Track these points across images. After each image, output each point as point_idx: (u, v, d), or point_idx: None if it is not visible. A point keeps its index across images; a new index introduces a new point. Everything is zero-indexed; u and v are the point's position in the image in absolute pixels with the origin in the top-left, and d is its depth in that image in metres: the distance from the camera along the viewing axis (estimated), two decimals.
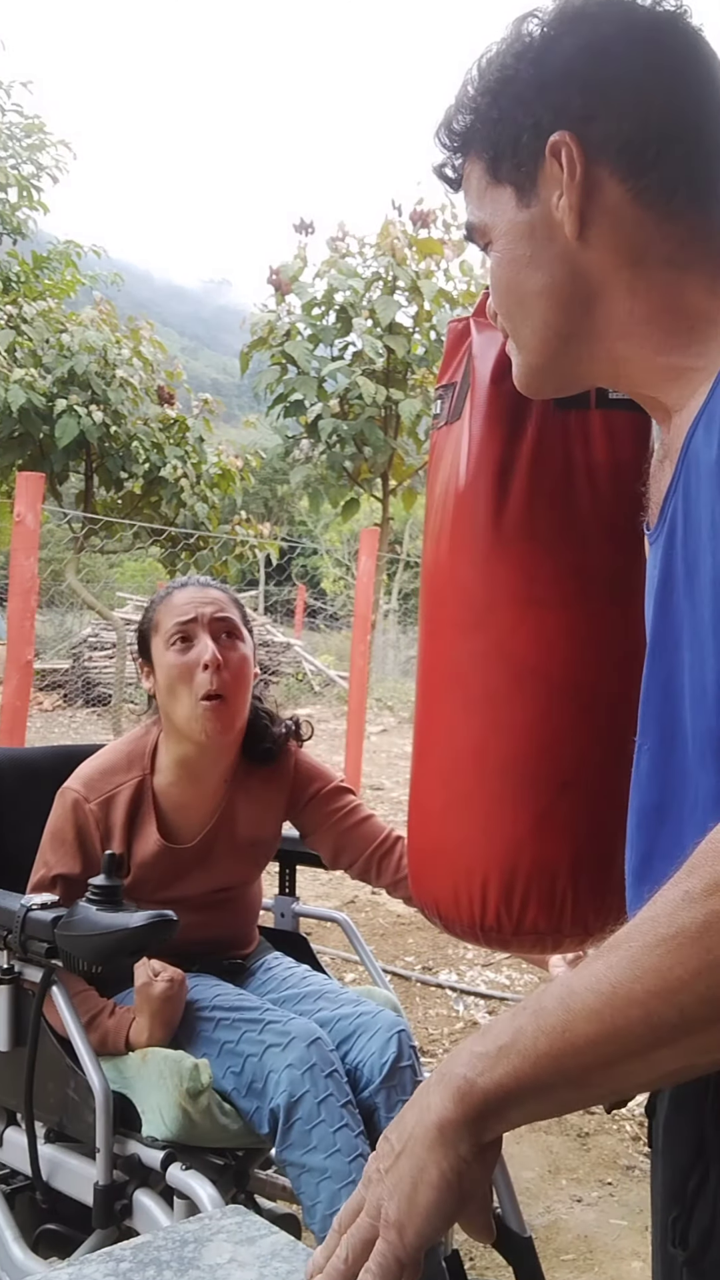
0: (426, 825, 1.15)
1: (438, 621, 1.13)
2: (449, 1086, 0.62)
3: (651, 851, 0.75)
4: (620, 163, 0.78)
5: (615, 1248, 2.29)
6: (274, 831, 1.88)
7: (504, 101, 0.82)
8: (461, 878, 1.09)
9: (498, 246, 0.84)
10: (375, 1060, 1.62)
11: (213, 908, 1.81)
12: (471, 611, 1.09)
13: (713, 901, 0.55)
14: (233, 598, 1.82)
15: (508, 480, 1.07)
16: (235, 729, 1.76)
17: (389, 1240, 0.63)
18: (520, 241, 0.82)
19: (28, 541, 4.13)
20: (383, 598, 11.61)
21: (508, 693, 1.08)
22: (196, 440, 8.34)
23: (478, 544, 1.08)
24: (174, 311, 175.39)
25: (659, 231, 0.78)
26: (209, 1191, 1.46)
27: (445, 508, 1.12)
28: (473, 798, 1.09)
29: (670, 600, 0.73)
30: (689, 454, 0.71)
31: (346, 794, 1.91)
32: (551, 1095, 0.61)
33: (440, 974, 3.89)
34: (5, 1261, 1.63)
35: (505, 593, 1.07)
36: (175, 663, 1.70)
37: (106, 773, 1.74)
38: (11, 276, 9.32)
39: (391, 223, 8.72)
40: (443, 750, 1.13)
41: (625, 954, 0.57)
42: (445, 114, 0.87)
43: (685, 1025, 0.55)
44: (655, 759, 0.75)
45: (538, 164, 0.80)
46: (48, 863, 1.69)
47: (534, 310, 0.83)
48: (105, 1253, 0.81)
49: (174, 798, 1.77)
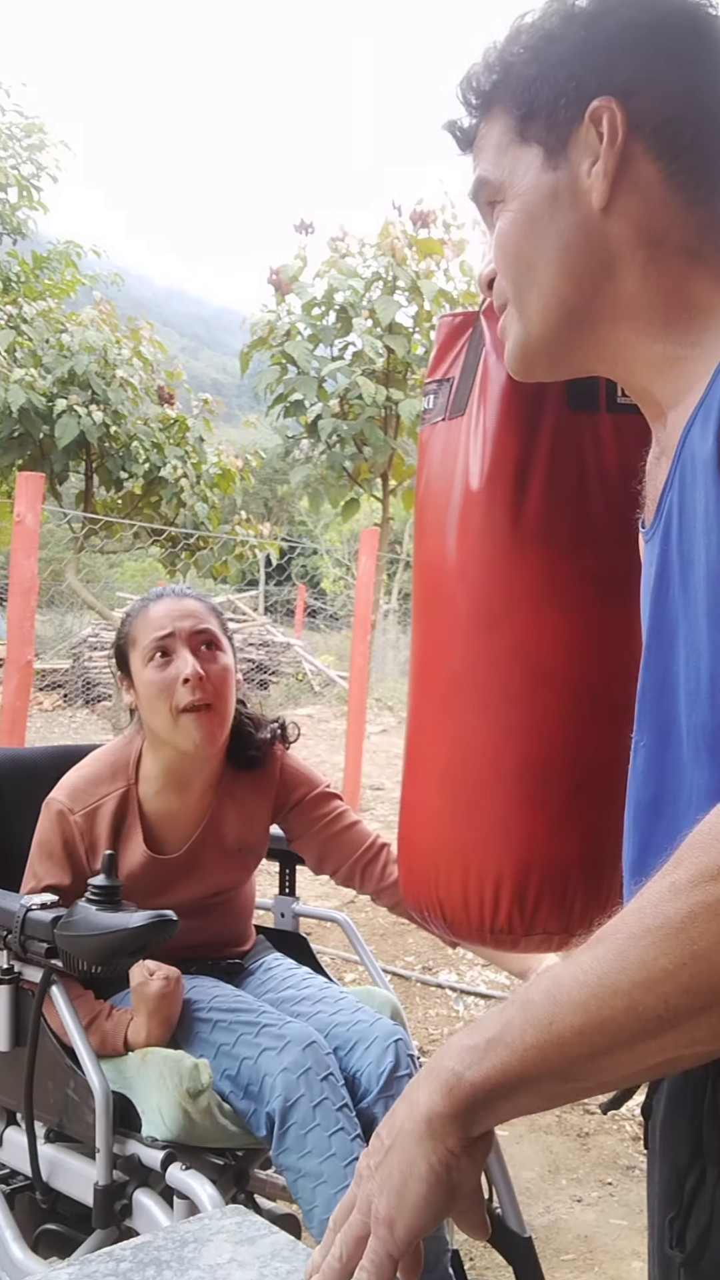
0: (430, 827, 1.14)
1: (446, 622, 1.12)
2: (437, 1080, 0.62)
3: (648, 847, 0.75)
4: (656, 141, 0.78)
5: (615, 1248, 2.29)
6: (261, 836, 1.87)
7: (546, 60, 0.80)
8: (473, 879, 1.08)
9: (512, 206, 0.82)
10: (373, 1070, 1.62)
11: (204, 912, 1.81)
12: (487, 612, 1.08)
13: (698, 893, 0.55)
14: (211, 607, 1.79)
15: (526, 480, 1.06)
16: (221, 739, 1.74)
17: (380, 1236, 0.63)
18: (541, 203, 0.80)
19: (28, 541, 4.13)
20: (383, 598, 11.60)
21: (524, 694, 1.07)
22: (196, 440, 8.35)
23: (496, 544, 1.07)
24: (174, 311, 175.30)
25: (681, 216, 0.78)
26: (209, 1191, 1.46)
27: (452, 505, 1.10)
28: (486, 799, 1.09)
29: (666, 596, 0.73)
30: (685, 449, 0.71)
31: (332, 799, 1.90)
32: (539, 1088, 0.61)
33: (440, 974, 3.89)
34: (5, 1261, 1.63)
35: (523, 594, 1.07)
36: (154, 679, 1.68)
37: (91, 783, 1.72)
38: (11, 276, 9.33)
39: (391, 223, 8.72)
40: (450, 751, 1.12)
41: (611, 945, 0.57)
42: (470, 69, 0.85)
43: (670, 1017, 0.55)
44: (651, 755, 0.75)
45: (572, 127, 0.79)
46: (37, 874, 1.69)
47: (543, 276, 0.81)
48: (105, 1253, 0.81)
49: (159, 807, 1.75)
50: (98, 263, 10.17)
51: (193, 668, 1.67)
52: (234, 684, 1.75)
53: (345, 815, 1.89)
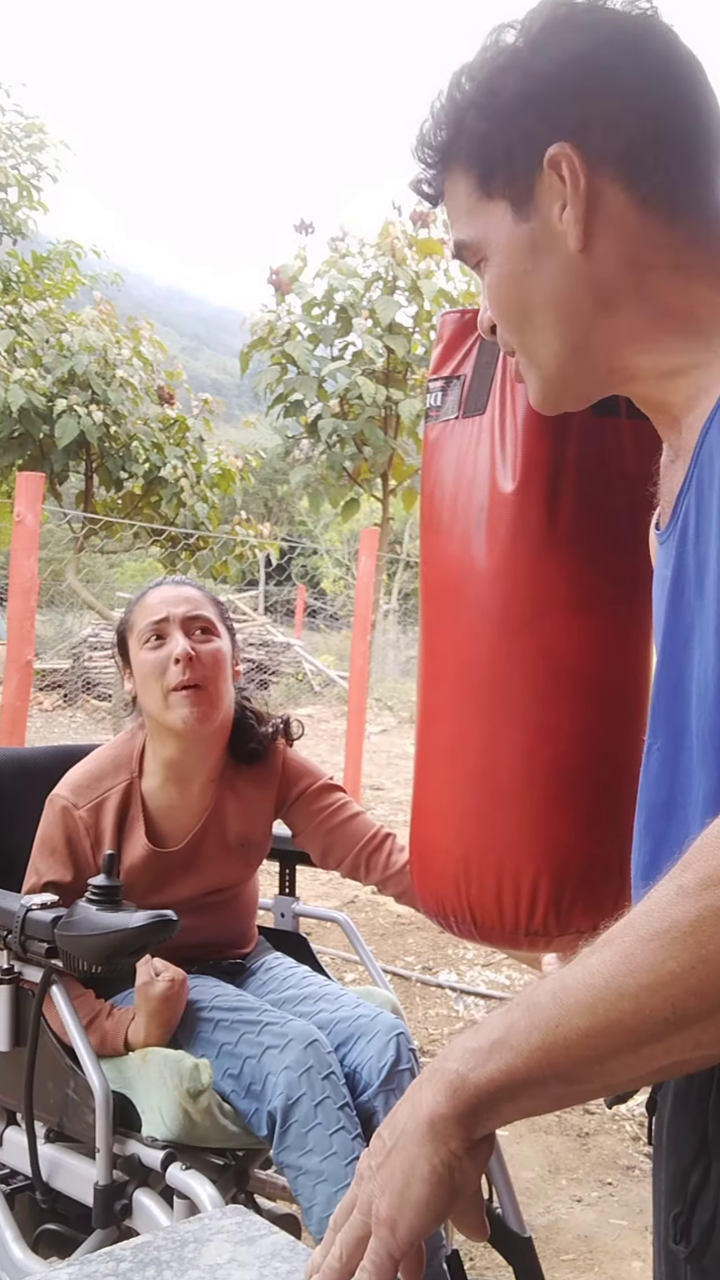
0: (457, 830, 1.13)
1: (472, 625, 1.12)
2: (441, 1081, 0.62)
3: (659, 850, 0.75)
4: (621, 170, 0.77)
5: (615, 1248, 2.29)
6: (264, 832, 1.88)
7: (492, 115, 0.80)
8: (508, 881, 1.08)
9: (495, 262, 0.82)
10: (374, 1063, 1.62)
11: (206, 910, 1.81)
12: (518, 615, 1.08)
13: (706, 896, 0.55)
14: (209, 596, 1.82)
15: (560, 484, 1.07)
16: (215, 719, 1.74)
17: (381, 1237, 0.63)
18: (521, 256, 0.80)
19: (28, 541, 4.13)
20: (383, 598, 11.61)
21: (554, 695, 1.08)
22: (196, 440, 8.35)
23: (529, 547, 1.08)
24: (174, 311, 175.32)
25: (663, 237, 0.77)
26: (209, 1191, 1.46)
27: (476, 507, 1.10)
28: (518, 801, 1.09)
29: (682, 598, 0.73)
30: (703, 452, 0.71)
31: (335, 791, 1.91)
32: (543, 1090, 0.61)
33: (440, 974, 3.89)
34: (5, 1261, 1.63)
35: (554, 597, 1.08)
36: (148, 659, 1.71)
37: (95, 778, 1.74)
38: (11, 276, 9.33)
39: (391, 223, 8.73)
40: (480, 754, 1.11)
41: (618, 948, 0.57)
42: (421, 130, 0.84)
43: (677, 1019, 0.55)
44: (664, 758, 0.75)
45: (534, 176, 0.78)
46: (38, 870, 1.69)
47: (543, 324, 0.81)
48: (105, 1253, 0.81)
49: (162, 800, 1.76)
50: (97, 263, 10.17)
51: (183, 648, 1.69)
52: (228, 669, 1.77)
53: (348, 806, 1.90)
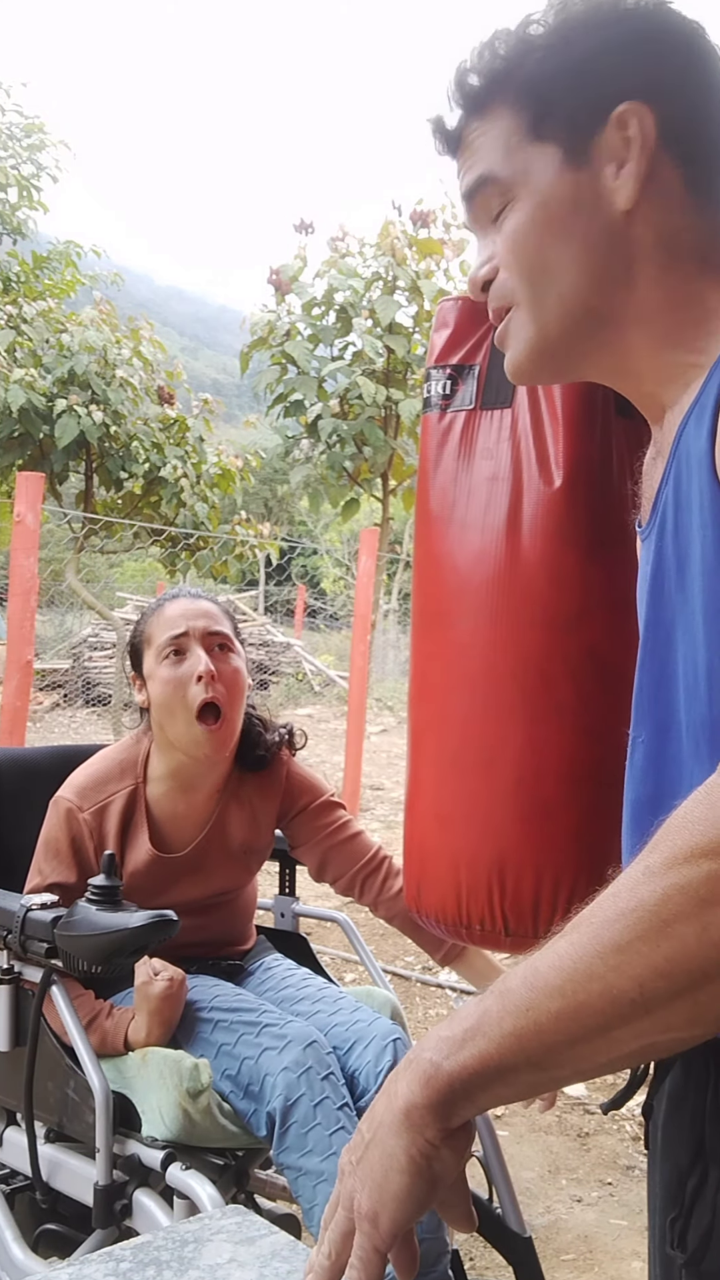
0: (491, 837, 1.11)
1: (514, 625, 1.09)
2: (415, 1071, 0.62)
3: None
4: (680, 147, 0.79)
5: (615, 1248, 2.29)
6: (266, 839, 1.88)
7: (564, 61, 0.80)
8: (547, 886, 1.07)
9: (527, 204, 0.81)
10: (371, 1069, 1.62)
11: (206, 912, 1.81)
12: (564, 614, 1.07)
13: (671, 875, 0.55)
14: (224, 610, 1.80)
15: (606, 481, 1.06)
16: (230, 746, 1.75)
17: (365, 1231, 0.63)
18: (562, 202, 0.80)
19: (28, 541, 4.13)
20: (383, 598, 11.60)
21: (597, 697, 1.06)
22: (196, 440, 8.34)
23: (575, 545, 1.06)
24: (174, 311, 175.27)
25: (697, 221, 0.79)
26: (209, 1191, 1.46)
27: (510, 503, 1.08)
28: (560, 806, 1.07)
29: (662, 592, 0.73)
30: (680, 447, 0.72)
31: (336, 809, 1.91)
32: (516, 1077, 0.60)
33: (440, 974, 3.89)
34: (5, 1261, 1.63)
35: (600, 596, 1.06)
36: (169, 676, 1.69)
37: (100, 781, 1.73)
38: (11, 276, 9.33)
39: (391, 223, 8.72)
40: (521, 759, 1.09)
41: (587, 930, 0.57)
42: (463, 66, 0.84)
43: (644, 1001, 0.55)
44: (650, 751, 0.75)
45: (595, 128, 0.79)
46: (42, 872, 1.69)
47: (562, 277, 0.80)
48: (105, 1253, 0.81)
49: (166, 807, 1.76)
50: (97, 263, 10.16)
51: (206, 665, 1.68)
52: (245, 687, 1.76)
53: (348, 825, 1.90)
